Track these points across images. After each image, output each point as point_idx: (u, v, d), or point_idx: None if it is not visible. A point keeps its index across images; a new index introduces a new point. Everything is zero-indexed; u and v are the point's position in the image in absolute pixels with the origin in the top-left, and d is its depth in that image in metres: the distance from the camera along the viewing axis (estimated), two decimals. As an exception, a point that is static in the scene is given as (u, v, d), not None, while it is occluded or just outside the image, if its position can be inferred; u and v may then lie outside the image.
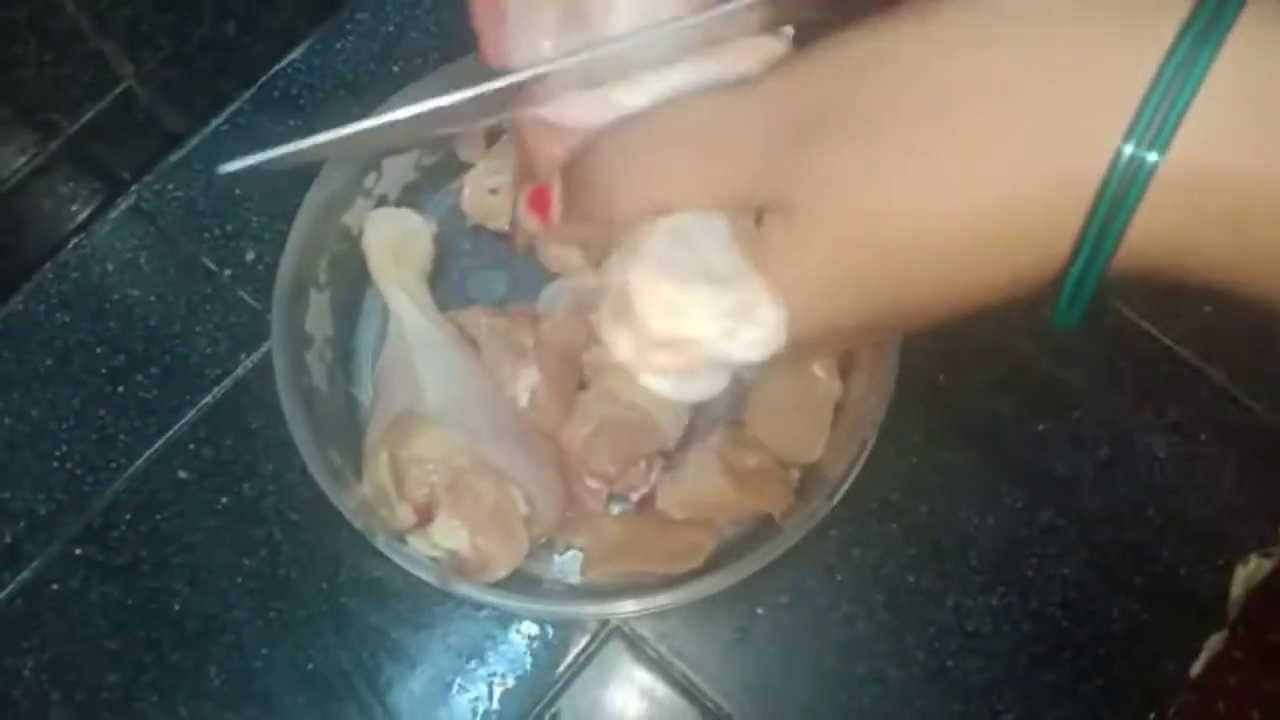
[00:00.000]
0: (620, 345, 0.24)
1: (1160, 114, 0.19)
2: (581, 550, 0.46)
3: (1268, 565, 0.47)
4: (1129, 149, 0.20)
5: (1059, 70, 0.20)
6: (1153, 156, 0.20)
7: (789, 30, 0.26)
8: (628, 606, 0.43)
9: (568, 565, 0.46)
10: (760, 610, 0.47)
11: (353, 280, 0.49)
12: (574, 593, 0.46)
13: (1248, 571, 0.47)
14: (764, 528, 0.46)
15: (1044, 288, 0.22)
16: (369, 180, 0.49)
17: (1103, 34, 0.20)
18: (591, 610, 0.45)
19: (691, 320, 0.23)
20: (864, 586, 0.47)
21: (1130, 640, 0.46)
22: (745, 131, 0.23)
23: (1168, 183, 0.20)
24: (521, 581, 0.45)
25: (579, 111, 0.26)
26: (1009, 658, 0.46)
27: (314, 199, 0.46)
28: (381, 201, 0.50)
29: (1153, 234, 0.21)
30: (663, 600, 0.42)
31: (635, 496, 0.47)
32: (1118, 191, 0.20)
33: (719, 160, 0.24)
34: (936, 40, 0.21)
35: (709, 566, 0.45)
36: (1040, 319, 0.23)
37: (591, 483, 0.46)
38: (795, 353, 0.24)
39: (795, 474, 0.47)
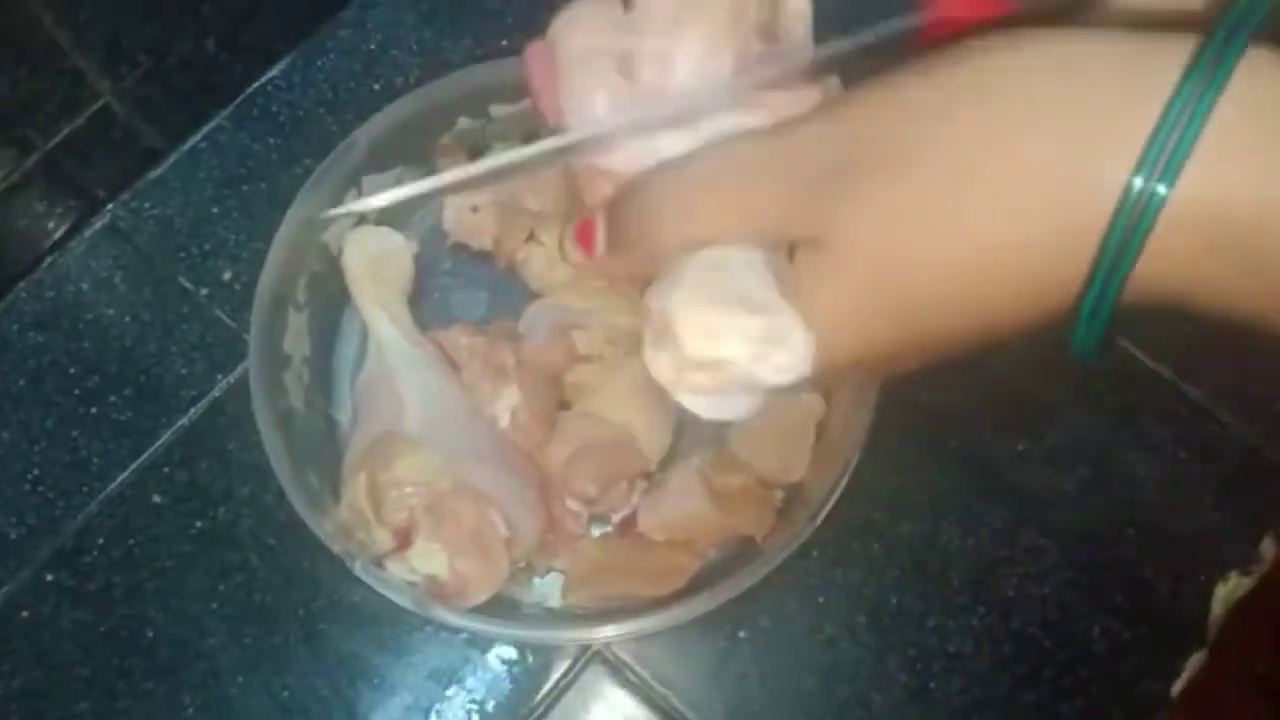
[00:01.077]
0: (660, 366, 0.26)
1: (1168, 148, 0.21)
2: (562, 573, 0.46)
3: (1247, 583, 0.47)
4: (1139, 182, 0.21)
5: (1074, 108, 0.22)
6: (1162, 189, 0.21)
7: (835, 81, 0.27)
8: (608, 631, 0.42)
9: (548, 588, 0.46)
10: (742, 633, 0.46)
11: (332, 300, 0.49)
12: (554, 617, 0.45)
13: (1228, 590, 0.47)
14: (746, 549, 0.46)
15: (1062, 318, 0.23)
16: (349, 198, 0.48)
17: (1114, 73, 0.22)
18: (572, 635, 0.44)
19: (725, 342, 0.24)
20: (846, 608, 0.47)
21: (1111, 659, 0.46)
22: (780, 171, 0.25)
23: (1177, 215, 0.21)
24: (501, 605, 0.44)
25: (627, 157, 0.28)
26: (990, 678, 0.46)
27: (294, 217, 0.46)
28: (362, 220, 0.49)
29: (1163, 266, 0.22)
30: (643, 624, 0.42)
31: (616, 518, 0.47)
32: (1129, 223, 0.21)
33: (753, 197, 0.25)
34: (960, 86, 0.23)
35: (691, 588, 0.44)
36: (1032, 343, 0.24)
37: (572, 504, 0.46)
38: (821, 380, 0.26)
39: (778, 494, 0.47)
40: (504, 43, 0.56)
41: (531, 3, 0.59)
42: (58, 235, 0.52)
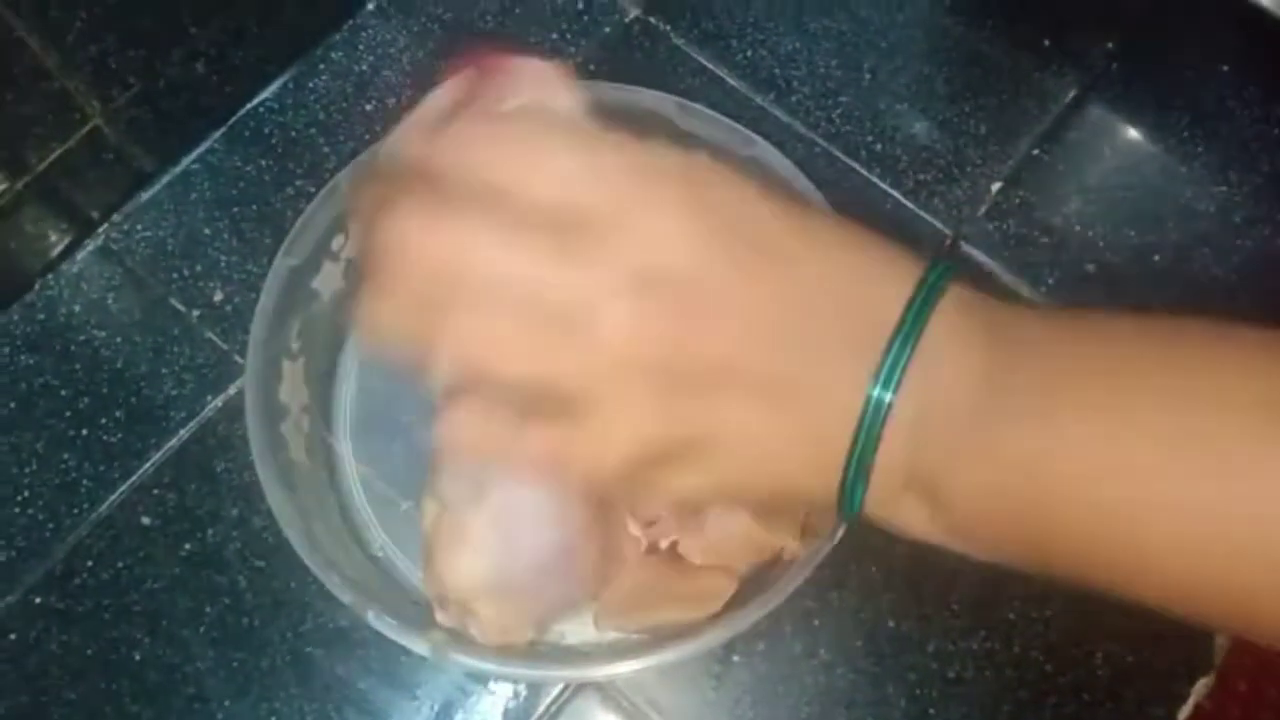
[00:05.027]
0: None
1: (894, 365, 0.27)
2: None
3: (1255, 606, 0.46)
4: (875, 391, 0.27)
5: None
6: (888, 395, 0.27)
7: None
8: (630, 666, 0.40)
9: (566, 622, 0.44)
10: (736, 657, 0.46)
11: (327, 345, 0.48)
12: (571, 654, 0.43)
13: (1234, 613, 0.46)
14: (760, 575, 0.44)
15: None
16: (335, 244, 0.47)
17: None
18: (596, 672, 0.42)
19: None
20: (843, 632, 0.46)
21: (1116, 685, 0.45)
22: None
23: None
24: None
25: None
26: (992, 705, 0.45)
27: (280, 267, 0.45)
28: (350, 265, 0.49)
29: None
30: (676, 654, 0.40)
31: (665, 544, 0.45)
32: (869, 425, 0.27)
33: None
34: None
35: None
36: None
37: (634, 530, 0.44)
38: None
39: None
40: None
41: (524, 21, 0.59)
42: (50, 257, 0.52)
